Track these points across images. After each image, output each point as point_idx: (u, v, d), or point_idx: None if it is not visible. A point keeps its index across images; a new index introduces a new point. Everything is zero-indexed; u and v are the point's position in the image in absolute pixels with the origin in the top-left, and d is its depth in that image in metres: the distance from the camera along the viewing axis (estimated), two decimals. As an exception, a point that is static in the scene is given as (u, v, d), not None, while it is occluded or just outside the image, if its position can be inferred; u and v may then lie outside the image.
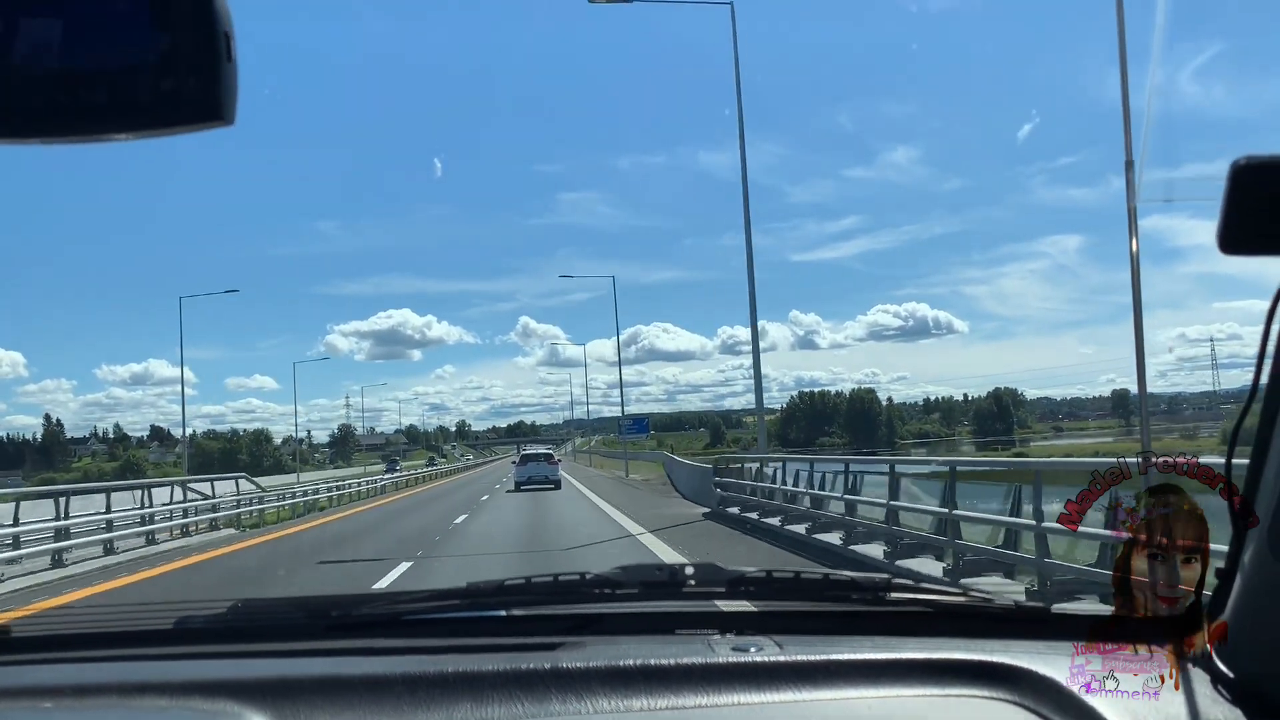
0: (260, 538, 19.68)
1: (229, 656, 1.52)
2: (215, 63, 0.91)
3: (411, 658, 1.43)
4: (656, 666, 1.37)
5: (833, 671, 1.37)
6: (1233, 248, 1.18)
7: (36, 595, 11.89)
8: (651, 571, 1.69)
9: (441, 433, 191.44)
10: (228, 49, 0.91)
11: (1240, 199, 1.17)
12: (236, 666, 1.45)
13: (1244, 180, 1.17)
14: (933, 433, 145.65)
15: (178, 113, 0.91)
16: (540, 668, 1.36)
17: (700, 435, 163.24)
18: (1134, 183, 6.95)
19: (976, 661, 1.39)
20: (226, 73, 0.91)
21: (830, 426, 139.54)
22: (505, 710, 1.28)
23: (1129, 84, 7.19)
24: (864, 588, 1.62)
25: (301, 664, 1.45)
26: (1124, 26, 7.47)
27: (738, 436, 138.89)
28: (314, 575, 12.97)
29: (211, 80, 0.91)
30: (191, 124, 0.92)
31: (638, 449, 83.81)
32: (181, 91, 0.91)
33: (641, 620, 1.66)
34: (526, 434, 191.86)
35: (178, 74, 0.90)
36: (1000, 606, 1.60)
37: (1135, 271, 6.17)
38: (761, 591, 1.67)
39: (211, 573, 14.00)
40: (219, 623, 1.63)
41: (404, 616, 1.64)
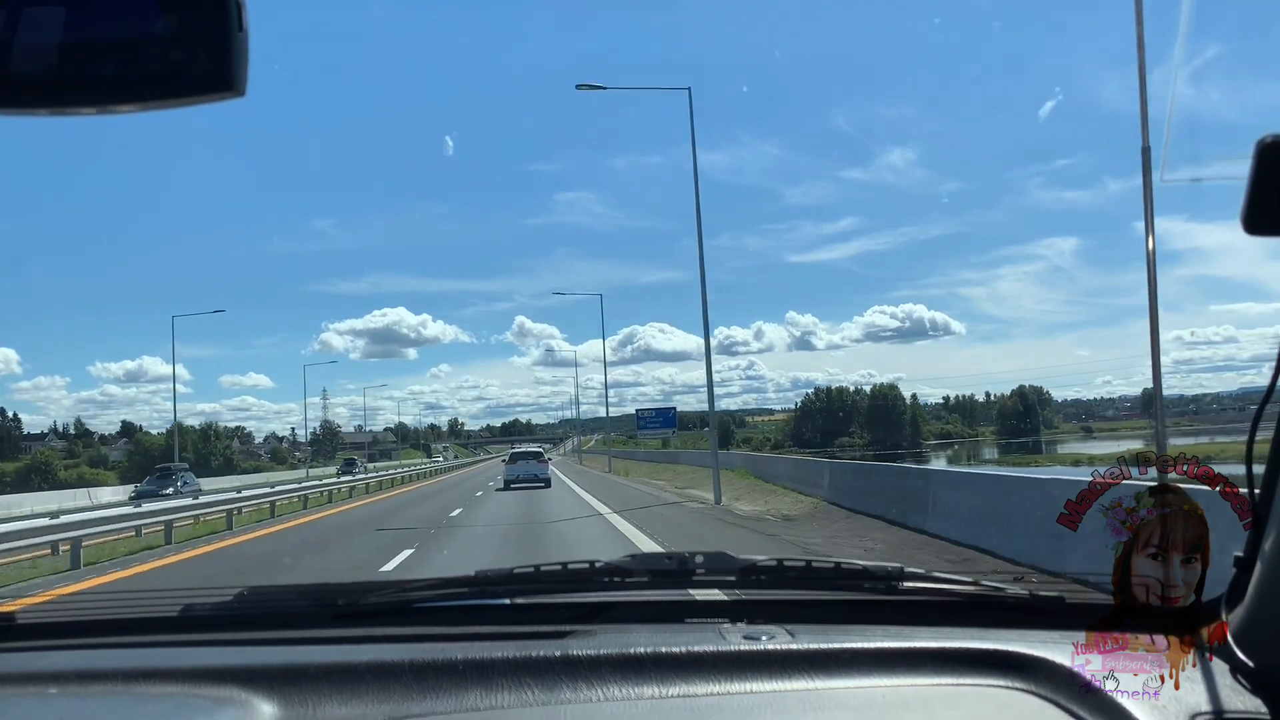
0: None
1: (236, 644, 1.53)
2: (226, 33, 0.89)
3: (419, 645, 1.44)
4: (668, 654, 1.37)
5: (845, 660, 1.38)
6: (1257, 227, 1.17)
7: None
8: (661, 560, 1.70)
9: (433, 431, 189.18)
10: (239, 19, 0.90)
11: (1267, 177, 1.15)
12: (244, 654, 1.46)
13: (1271, 158, 1.15)
14: (955, 433, 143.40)
15: (189, 83, 0.90)
16: (550, 655, 1.37)
17: (702, 434, 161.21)
18: (1150, 169, 6.90)
19: (990, 650, 1.39)
20: (238, 43, 0.90)
21: (850, 426, 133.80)
22: (515, 697, 1.29)
23: (1145, 75, 7.14)
24: (876, 576, 1.63)
25: (309, 651, 1.46)
26: (1142, 16, 7.41)
27: (748, 435, 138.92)
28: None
29: (223, 51, 0.90)
30: (202, 95, 0.91)
31: (644, 449, 80.00)
32: (192, 62, 0.90)
33: (652, 609, 1.66)
34: (522, 432, 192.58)
35: (188, 44, 0.89)
36: (1013, 595, 1.60)
37: (1151, 266, 6.10)
38: (773, 580, 1.67)
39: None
40: (226, 610, 1.65)
41: (412, 604, 1.65)
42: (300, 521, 22.30)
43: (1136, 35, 7.82)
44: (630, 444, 79.63)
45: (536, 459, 35.37)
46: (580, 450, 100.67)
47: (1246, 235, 1.18)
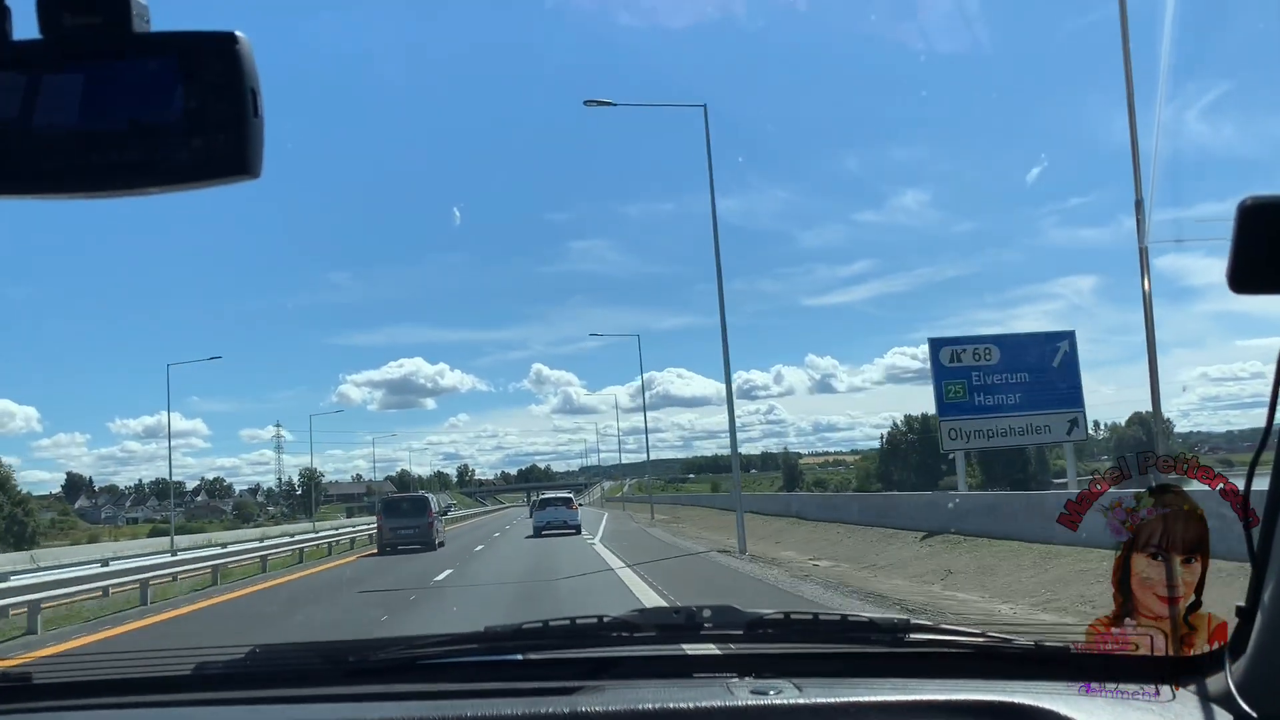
0: None
1: (249, 702, 1.61)
2: (243, 119, 0.95)
3: (429, 703, 1.51)
4: (676, 710, 1.42)
5: (852, 714, 1.43)
6: (1243, 287, 1.26)
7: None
8: (668, 614, 1.75)
9: (439, 479, 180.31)
10: (255, 105, 0.96)
11: (1249, 238, 1.24)
12: (257, 713, 1.54)
13: (1252, 220, 1.24)
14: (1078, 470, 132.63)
15: (207, 168, 0.96)
16: (559, 712, 1.42)
17: (755, 477, 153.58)
18: (1144, 222, 6.78)
19: (997, 702, 1.45)
20: (254, 128, 0.96)
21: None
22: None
23: (1137, 124, 6.97)
24: (883, 629, 1.68)
25: (321, 709, 1.54)
26: (1130, 68, 7.26)
27: (819, 478, 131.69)
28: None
29: (239, 136, 0.95)
30: (220, 178, 0.97)
31: (686, 493, 69.56)
32: (210, 147, 0.95)
33: (659, 663, 1.72)
34: (540, 478, 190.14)
35: (206, 130, 0.95)
36: (1019, 647, 1.65)
37: (1148, 306, 5.97)
38: (780, 634, 1.71)
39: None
40: (237, 668, 1.71)
41: (421, 661, 1.71)
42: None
43: (1126, 88, 7.65)
44: (670, 489, 73.21)
45: (566, 505, 35.18)
46: (607, 498, 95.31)
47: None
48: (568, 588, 15.84)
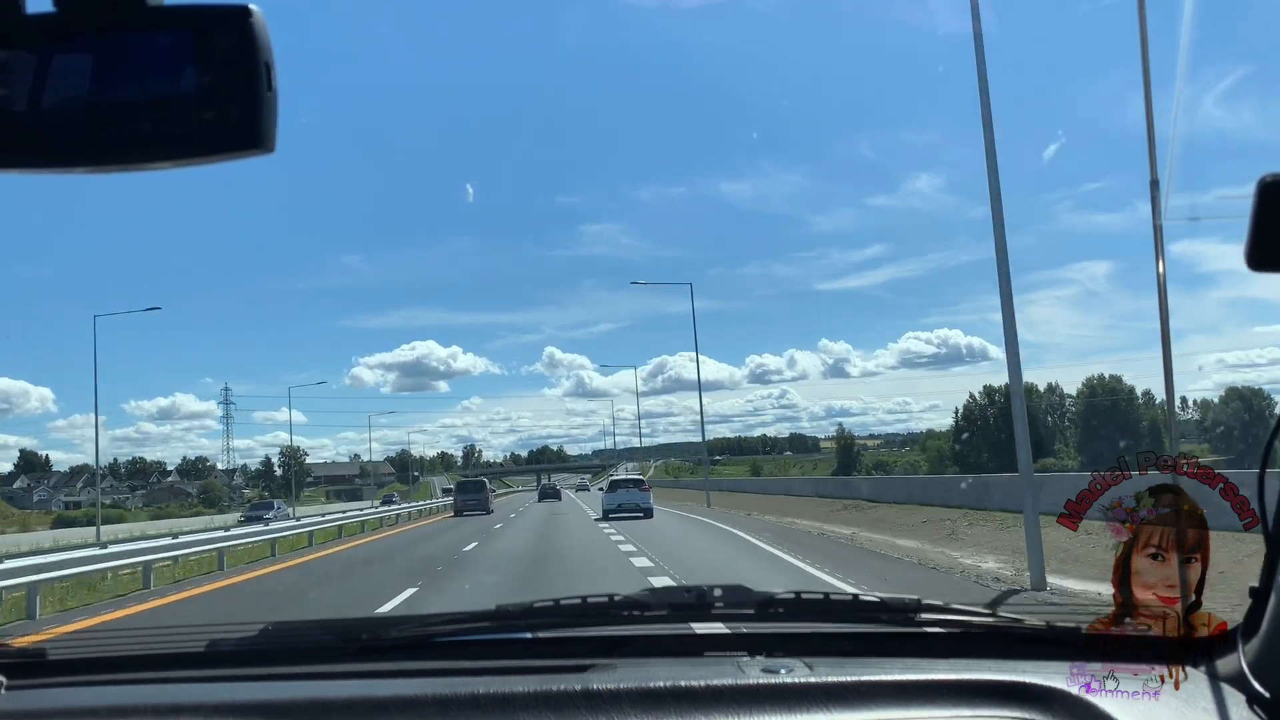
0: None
1: (262, 679, 1.66)
2: (257, 93, 0.96)
3: (442, 679, 1.55)
4: (687, 688, 1.47)
5: (863, 693, 1.48)
6: (1261, 265, 1.27)
7: None
8: (680, 594, 1.80)
9: (442, 460, 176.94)
10: (268, 79, 0.97)
11: (1268, 216, 1.25)
12: (269, 688, 1.59)
13: (1272, 197, 1.26)
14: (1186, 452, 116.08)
15: (220, 142, 0.97)
16: (571, 689, 1.47)
17: (788, 460, 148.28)
18: (1159, 202, 6.66)
19: (1008, 682, 1.49)
20: (267, 102, 0.97)
21: (1053, 439, 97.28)
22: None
23: (1154, 106, 6.83)
24: (893, 609, 1.72)
25: (333, 686, 1.59)
26: (1147, 51, 7.12)
27: (880, 459, 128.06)
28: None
29: (253, 110, 0.96)
30: (233, 152, 0.98)
31: (726, 477, 63.28)
32: (224, 121, 0.96)
33: (671, 642, 1.77)
34: (553, 460, 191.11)
35: (220, 104, 0.96)
36: (1030, 627, 1.69)
37: (1162, 287, 5.88)
38: (791, 614, 1.75)
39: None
40: (250, 645, 1.77)
41: (434, 639, 1.76)
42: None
43: (1143, 68, 7.47)
44: (699, 472, 68.99)
45: (638, 486, 34.07)
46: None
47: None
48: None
